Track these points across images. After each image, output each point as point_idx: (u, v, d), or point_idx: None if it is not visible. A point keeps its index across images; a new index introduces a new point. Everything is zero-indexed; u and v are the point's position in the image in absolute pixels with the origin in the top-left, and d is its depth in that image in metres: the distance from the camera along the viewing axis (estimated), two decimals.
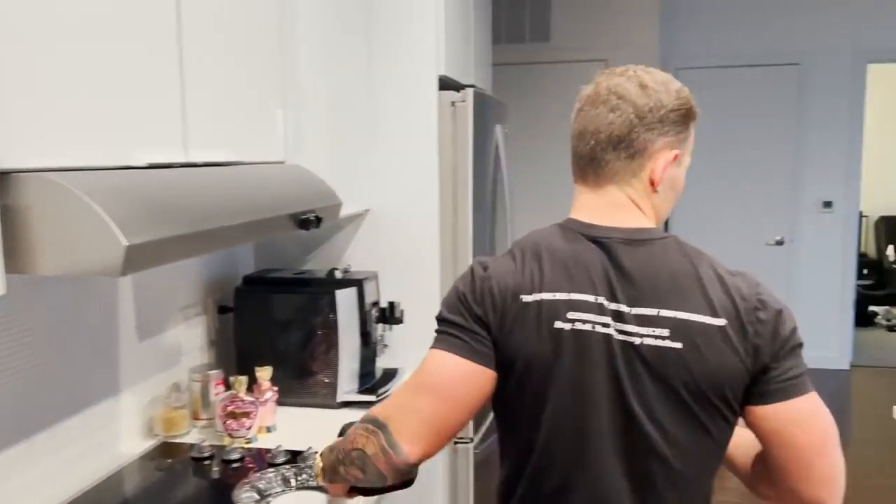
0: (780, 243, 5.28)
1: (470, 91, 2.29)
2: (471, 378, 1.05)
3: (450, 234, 2.34)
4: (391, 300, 2.22)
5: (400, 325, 2.26)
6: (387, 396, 2.15)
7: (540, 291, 1.02)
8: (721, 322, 0.97)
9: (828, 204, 5.20)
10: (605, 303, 1.00)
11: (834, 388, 4.99)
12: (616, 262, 1.01)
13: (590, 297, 1.00)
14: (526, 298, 1.03)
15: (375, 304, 2.19)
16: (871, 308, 6.79)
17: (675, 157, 1.06)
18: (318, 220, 1.49)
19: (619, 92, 1.05)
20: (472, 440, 2.39)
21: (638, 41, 4.69)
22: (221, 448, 1.77)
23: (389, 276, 2.34)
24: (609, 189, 1.06)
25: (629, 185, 1.06)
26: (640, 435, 0.99)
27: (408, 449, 1.04)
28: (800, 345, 1.01)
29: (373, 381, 2.20)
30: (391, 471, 1.06)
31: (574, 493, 1.02)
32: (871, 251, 8.20)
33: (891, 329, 6.50)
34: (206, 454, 1.74)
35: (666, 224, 5.12)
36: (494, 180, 2.66)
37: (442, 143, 2.31)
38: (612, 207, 1.06)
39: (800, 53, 5.14)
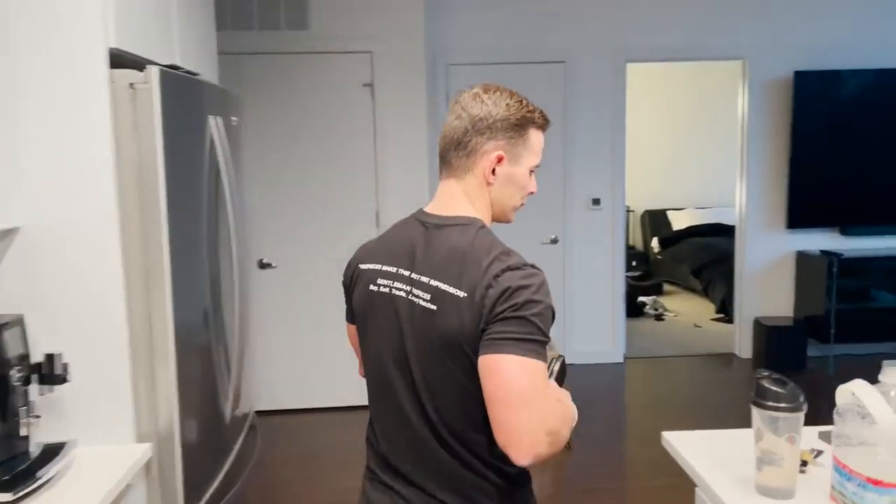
0: (554, 242, 5.26)
1: (154, 69, 1.75)
2: (350, 331, 1.48)
3: (138, 255, 1.79)
4: (50, 352, 1.63)
5: (66, 385, 1.68)
6: (43, 486, 1.57)
7: (370, 263, 1.37)
8: (462, 294, 1.21)
9: (596, 201, 5.26)
10: (404, 272, 1.30)
11: (610, 382, 5.03)
12: (426, 241, 1.30)
13: (392, 269, 1.32)
14: (362, 267, 1.38)
15: (23, 358, 1.59)
16: (641, 299, 7.12)
17: (500, 158, 1.31)
18: None
19: (462, 104, 1.33)
20: None
21: (404, 34, 4.38)
22: None
23: (51, 318, 1.73)
24: (450, 182, 1.35)
25: (464, 180, 1.33)
26: (411, 370, 1.28)
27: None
28: (522, 317, 1.16)
29: (26, 462, 1.59)
30: None
31: (384, 403, 1.36)
32: (639, 244, 8.70)
33: (658, 318, 6.83)
34: None
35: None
36: (213, 181, 2.14)
37: (120, 136, 1.76)
38: (447, 196, 1.34)
39: (564, 51, 5.14)
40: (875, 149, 5.18)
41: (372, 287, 1.34)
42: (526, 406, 1.14)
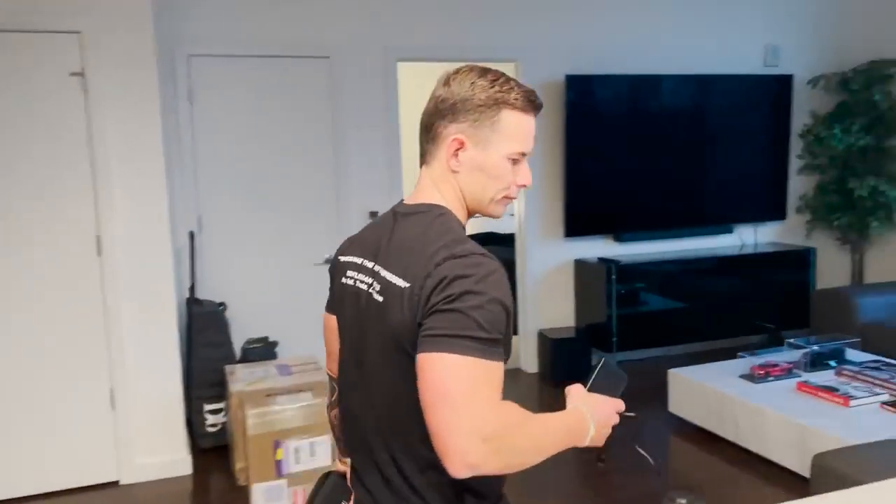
0: (329, 262, 4.63)
1: None
2: (327, 321, 1.44)
3: None
4: None
5: None
6: None
7: (347, 255, 1.36)
8: (406, 285, 1.15)
9: (374, 214, 4.72)
10: (368, 264, 1.27)
11: None
12: (391, 231, 1.26)
13: (358, 260, 1.30)
14: (341, 259, 1.38)
15: None
16: None
17: (460, 142, 1.23)
18: None
19: (435, 87, 1.28)
20: None
21: (125, 12, 3.47)
22: None
23: None
24: (423, 169, 1.31)
25: (431, 166, 1.28)
26: (364, 362, 1.25)
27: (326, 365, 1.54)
28: (456, 310, 1.07)
29: None
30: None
31: (345, 405, 1.35)
32: None
33: None
34: None
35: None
36: None
37: None
38: (419, 184, 1.31)
39: (329, 47, 4.55)
40: (643, 155, 5.23)
41: (343, 280, 1.33)
42: (455, 410, 1.03)
